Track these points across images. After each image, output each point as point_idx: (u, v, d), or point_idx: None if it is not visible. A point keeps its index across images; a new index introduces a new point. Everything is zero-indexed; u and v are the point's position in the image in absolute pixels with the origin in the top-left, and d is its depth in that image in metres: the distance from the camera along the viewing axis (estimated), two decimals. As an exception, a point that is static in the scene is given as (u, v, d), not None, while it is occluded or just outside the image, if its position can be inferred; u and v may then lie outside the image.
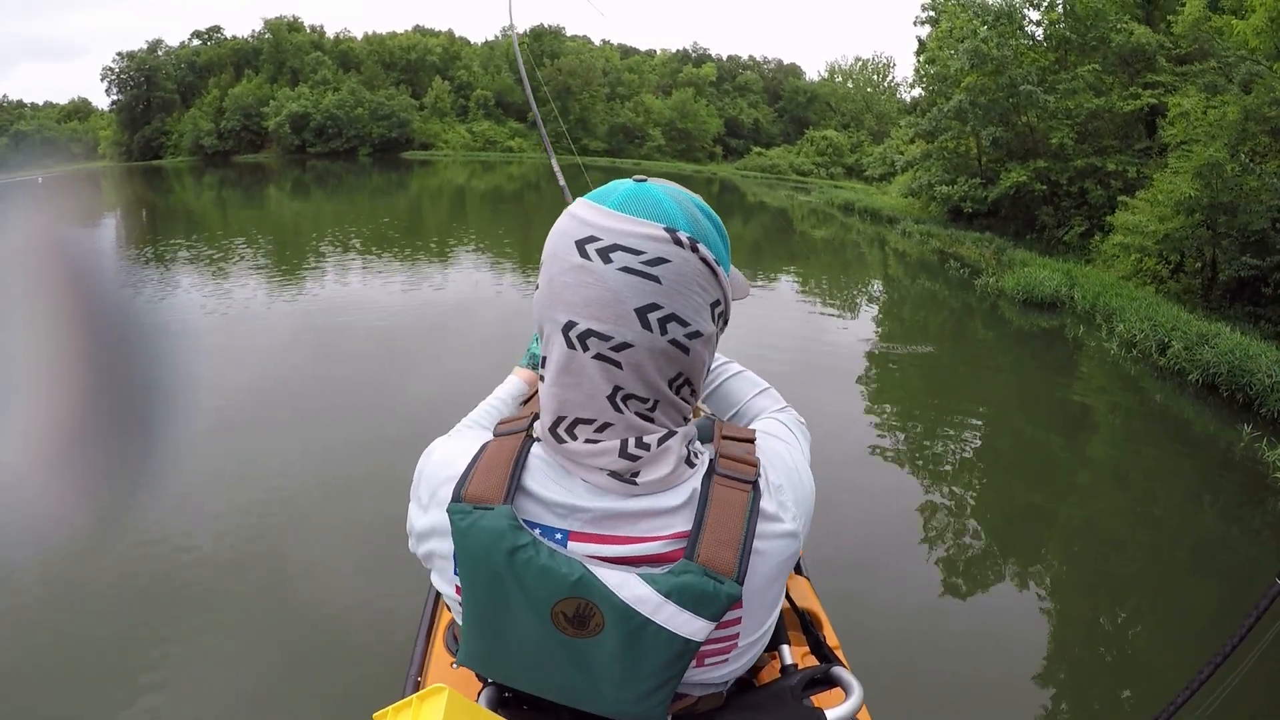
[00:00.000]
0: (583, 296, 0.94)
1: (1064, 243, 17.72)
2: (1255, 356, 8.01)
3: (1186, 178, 11.21)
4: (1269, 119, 11.22)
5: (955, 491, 5.90)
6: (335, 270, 13.42)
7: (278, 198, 30.95)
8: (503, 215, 26.60)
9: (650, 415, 0.98)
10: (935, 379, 9.07)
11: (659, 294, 0.93)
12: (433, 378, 7.59)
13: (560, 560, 0.95)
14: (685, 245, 0.95)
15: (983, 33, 18.98)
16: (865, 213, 29.34)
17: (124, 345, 8.32)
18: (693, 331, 0.97)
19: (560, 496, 0.99)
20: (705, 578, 0.93)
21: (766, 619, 1.05)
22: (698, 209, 1.00)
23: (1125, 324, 10.13)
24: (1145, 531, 5.58)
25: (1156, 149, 16.96)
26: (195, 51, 64.63)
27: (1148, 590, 4.74)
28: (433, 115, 63.23)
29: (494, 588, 0.98)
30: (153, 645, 3.65)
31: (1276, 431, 7.06)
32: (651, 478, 0.98)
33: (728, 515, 0.96)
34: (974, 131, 20.69)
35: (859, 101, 68.02)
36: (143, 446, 6.09)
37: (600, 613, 0.95)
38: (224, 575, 4.26)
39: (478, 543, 0.97)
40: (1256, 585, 2.83)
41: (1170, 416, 8.03)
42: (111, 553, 4.48)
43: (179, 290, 11.65)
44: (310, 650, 3.63)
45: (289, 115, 57.40)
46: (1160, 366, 9.04)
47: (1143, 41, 17.17)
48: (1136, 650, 4.13)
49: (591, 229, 0.95)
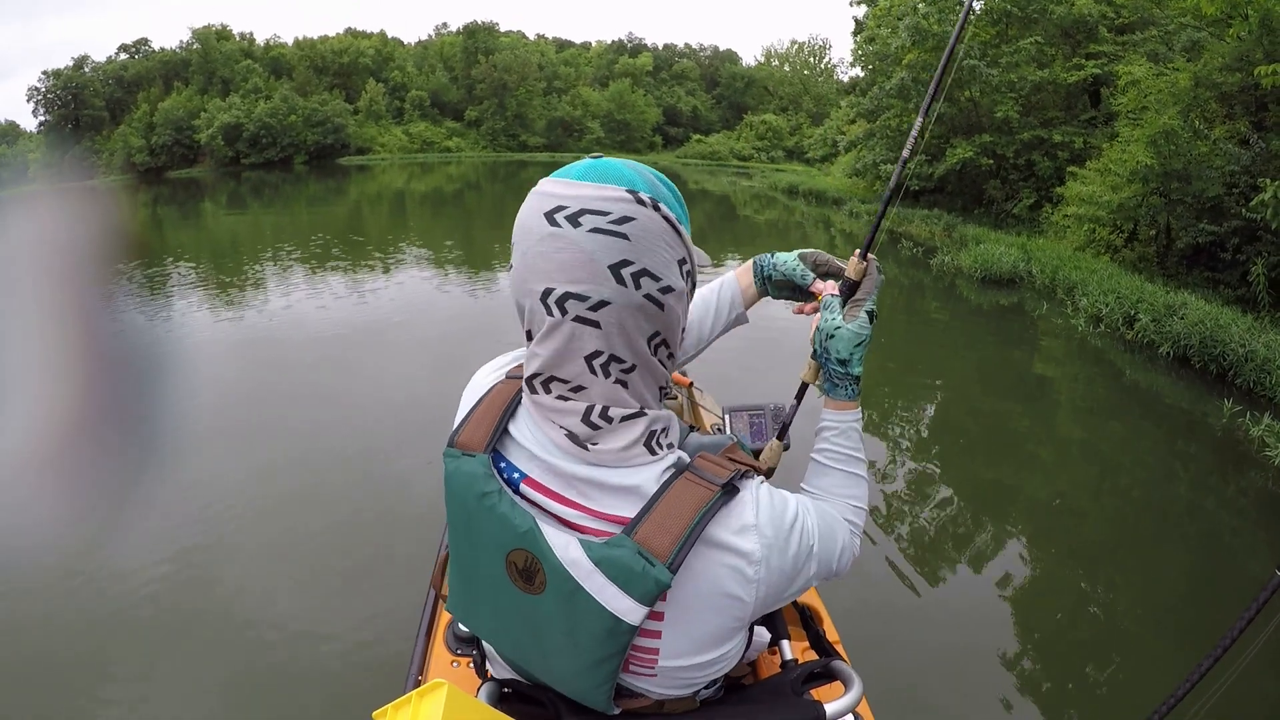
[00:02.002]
0: (557, 262, 0.96)
1: (1013, 216, 17.69)
2: (1226, 326, 7.84)
3: (1140, 146, 11.09)
4: (1218, 85, 11.15)
5: (944, 475, 5.75)
6: (276, 283, 12.89)
7: (213, 212, 30.10)
8: (443, 217, 26.06)
9: (627, 381, 1.01)
10: (897, 359, 8.83)
11: (629, 250, 0.96)
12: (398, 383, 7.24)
13: (517, 511, 1.02)
14: (647, 204, 0.98)
15: (923, 9, 18.84)
16: (810, 195, 29.34)
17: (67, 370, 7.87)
18: (665, 286, 1.00)
19: (528, 443, 1.05)
20: (637, 555, 0.95)
21: (692, 655, 1.05)
22: (655, 176, 1.05)
23: (1089, 298, 9.95)
24: (1144, 509, 5.41)
25: (1102, 119, 16.97)
26: (123, 66, 62.71)
27: (1154, 573, 4.58)
28: (368, 119, 62.28)
29: (469, 530, 1.07)
30: (151, 645, 3.64)
31: (1253, 402, 6.91)
32: (604, 448, 1.01)
33: (680, 505, 0.98)
34: (917, 108, 20.54)
35: (796, 84, 68.76)
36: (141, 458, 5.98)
37: (543, 570, 1.00)
38: (224, 575, 4.24)
39: (458, 485, 1.07)
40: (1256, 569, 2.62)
41: (1143, 391, 7.84)
42: (106, 562, 4.40)
43: (122, 315, 11.10)
44: (310, 650, 3.59)
45: (221, 127, 55.99)
46: (1128, 340, 8.87)
47: (1085, 12, 17.12)
48: (1141, 638, 3.96)
49: (558, 199, 0.98)
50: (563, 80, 69.28)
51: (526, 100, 65.10)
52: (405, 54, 70.36)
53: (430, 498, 4.71)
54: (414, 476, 5.23)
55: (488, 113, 64.85)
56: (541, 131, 65.31)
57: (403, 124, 64.47)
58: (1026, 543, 4.84)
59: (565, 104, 67.41)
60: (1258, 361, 7.23)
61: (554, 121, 66.10)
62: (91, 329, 10.10)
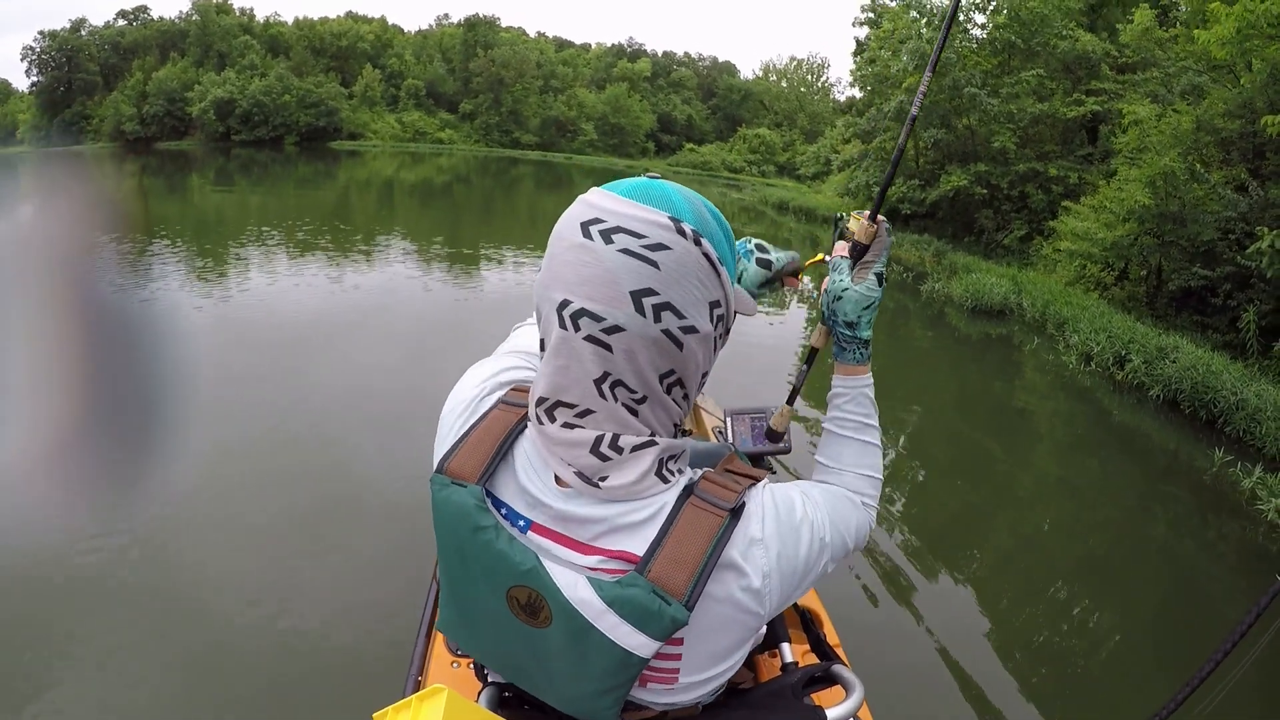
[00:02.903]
0: (580, 275, 0.91)
1: (1003, 246, 17.69)
2: (1218, 373, 7.79)
3: (1138, 186, 11.08)
4: (1218, 130, 11.16)
5: (946, 482, 5.88)
6: (259, 265, 12.68)
7: (200, 187, 29.80)
8: (431, 209, 25.83)
9: (636, 410, 0.96)
10: (887, 386, 8.75)
11: (656, 279, 0.91)
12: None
13: (517, 548, 0.97)
14: (688, 236, 0.93)
15: (926, 34, 18.86)
16: (799, 211, 29.36)
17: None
18: (688, 326, 0.94)
19: (532, 487, 1.00)
20: (652, 595, 0.91)
21: (711, 668, 1.03)
22: (706, 209, 0.98)
23: (1080, 335, 9.91)
24: (1142, 556, 5.29)
25: (1099, 155, 17.03)
26: (120, 32, 62.33)
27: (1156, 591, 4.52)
28: (362, 104, 62.01)
29: (463, 560, 1.01)
30: (148, 646, 3.52)
31: (1243, 451, 6.86)
32: (616, 483, 0.95)
33: (691, 536, 0.94)
34: (914, 133, 20.57)
35: (792, 101, 69.08)
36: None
37: (549, 606, 0.96)
38: (223, 576, 4.10)
39: (449, 515, 1.00)
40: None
41: (1135, 433, 7.79)
42: (95, 550, 4.23)
43: (95, 290, 10.73)
44: (310, 649, 3.53)
45: (214, 101, 55.66)
46: (1118, 381, 8.82)
47: (1089, 49, 17.17)
48: (1141, 648, 4.07)
49: (598, 211, 0.93)
50: (560, 80, 69.27)
51: (522, 97, 65.01)
52: (404, 42, 70.21)
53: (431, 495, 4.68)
54: (417, 470, 5.05)
55: (482, 107, 64.72)
56: (535, 129, 65.23)
57: (397, 112, 64.27)
58: (1029, 552, 4.95)
59: (561, 104, 67.34)
60: (1248, 410, 7.19)
61: (548, 120, 66.01)
62: (62, 303, 9.88)
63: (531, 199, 30.63)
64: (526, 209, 26.12)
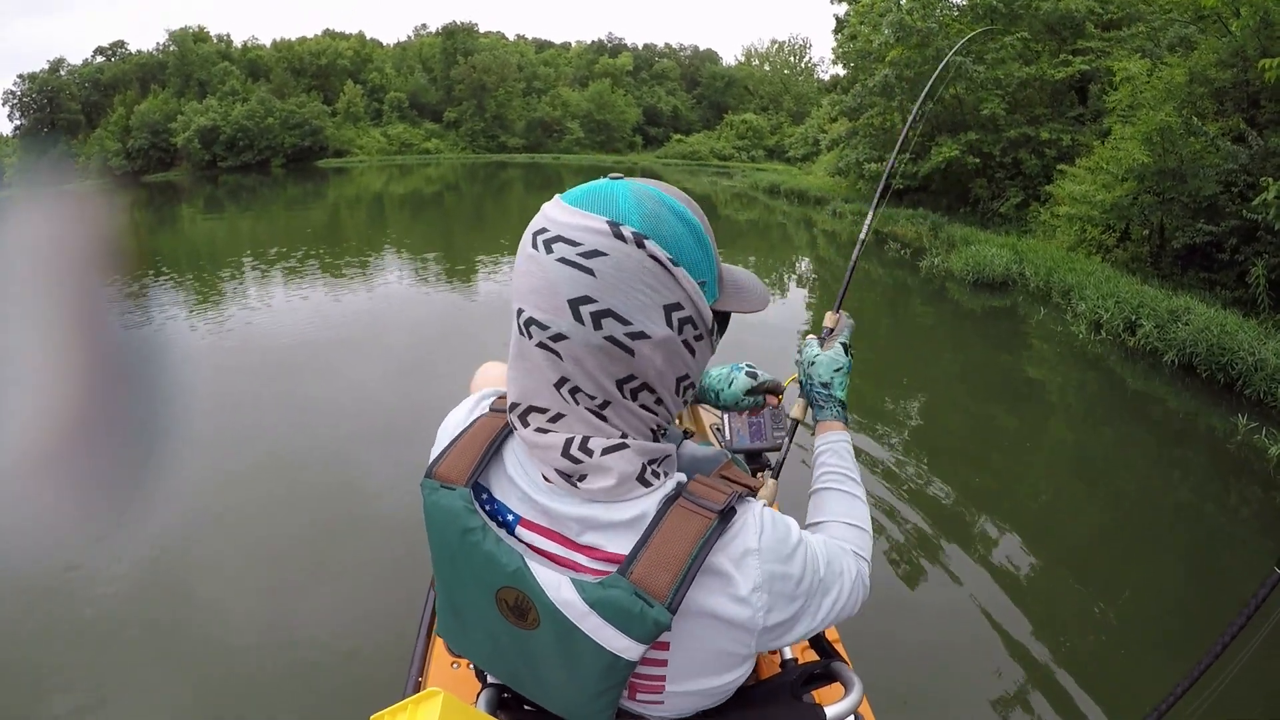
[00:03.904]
0: (529, 284, 0.93)
1: (1000, 215, 17.43)
2: (1233, 333, 7.54)
3: (1135, 143, 10.84)
4: (1212, 80, 10.91)
5: (947, 476, 5.58)
6: (254, 290, 12.56)
7: (190, 216, 29.63)
8: (422, 220, 25.64)
9: (602, 414, 0.96)
10: (886, 361, 8.67)
11: (592, 287, 0.90)
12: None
13: (503, 549, 0.97)
14: (628, 240, 0.90)
15: (906, 4, 18.62)
16: (792, 194, 29.08)
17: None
18: (634, 331, 0.92)
19: (522, 482, 1.01)
20: (633, 596, 0.90)
21: (698, 679, 1.01)
22: (667, 208, 0.95)
23: (1088, 303, 9.65)
24: (1154, 517, 5.26)
25: (1090, 115, 16.76)
26: (99, 69, 61.91)
27: (1161, 577, 4.49)
28: (346, 121, 61.68)
29: (454, 563, 1.02)
30: (146, 645, 3.66)
31: (1265, 415, 6.64)
32: (595, 486, 0.95)
33: (677, 537, 0.92)
34: (901, 106, 20.32)
35: (777, 84, 68.93)
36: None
37: (536, 608, 0.95)
38: (222, 575, 4.26)
39: (439, 518, 1.02)
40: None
41: (1150, 400, 7.55)
42: (89, 570, 4.35)
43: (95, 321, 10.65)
44: (310, 649, 3.59)
45: (198, 129, 55.26)
46: (1130, 348, 8.57)
47: (1072, 8, 16.85)
48: (1144, 640, 3.94)
49: (546, 221, 0.94)
50: (542, 81, 68.99)
51: (506, 101, 64.72)
52: (384, 55, 69.87)
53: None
54: (418, 481, 4.94)
55: (467, 114, 64.47)
56: (521, 132, 64.95)
57: (381, 126, 63.96)
58: (1025, 544, 4.74)
59: (545, 104, 67.05)
60: (1268, 371, 6.95)
61: (533, 122, 65.73)
62: (63, 335, 9.83)
63: (522, 201, 30.43)
64: (518, 211, 25.90)
